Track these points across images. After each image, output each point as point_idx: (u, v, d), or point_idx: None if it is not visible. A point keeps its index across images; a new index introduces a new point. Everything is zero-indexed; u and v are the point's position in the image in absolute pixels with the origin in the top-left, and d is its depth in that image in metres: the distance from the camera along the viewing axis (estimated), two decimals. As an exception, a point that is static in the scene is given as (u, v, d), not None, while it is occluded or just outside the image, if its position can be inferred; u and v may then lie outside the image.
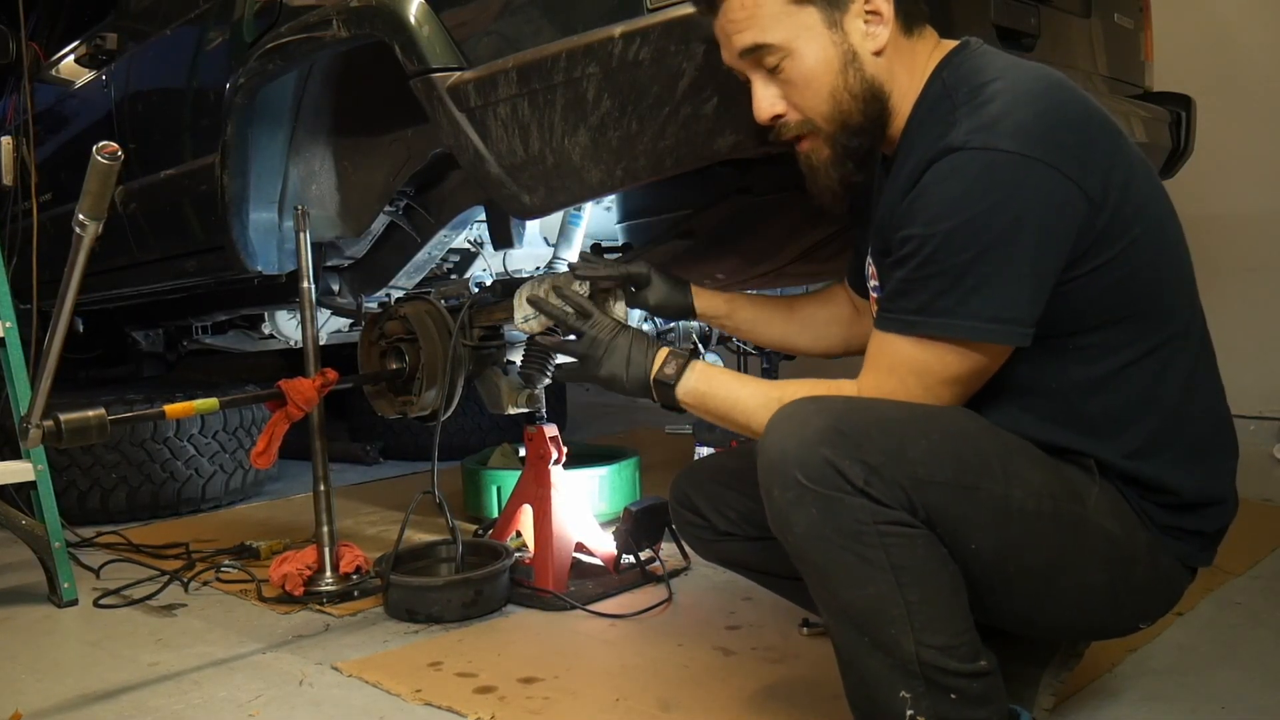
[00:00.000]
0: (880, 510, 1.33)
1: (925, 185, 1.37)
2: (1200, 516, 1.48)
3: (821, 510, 1.34)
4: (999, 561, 1.40)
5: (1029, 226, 1.32)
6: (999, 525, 1.38)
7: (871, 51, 1.46)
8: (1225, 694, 1.82)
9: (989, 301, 1.34)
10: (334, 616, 2.40)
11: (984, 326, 1.35)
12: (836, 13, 1.45)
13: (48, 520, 2.59)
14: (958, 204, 1.33)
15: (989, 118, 1.35)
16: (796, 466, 1.34)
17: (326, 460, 2.56)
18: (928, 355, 1.40)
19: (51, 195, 3.69)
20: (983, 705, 1.39)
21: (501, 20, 2.02)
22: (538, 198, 2.02)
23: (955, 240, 1.33)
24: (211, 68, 2.83)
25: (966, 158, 1.34)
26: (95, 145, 1.92)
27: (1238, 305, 3.91)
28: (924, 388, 1.41)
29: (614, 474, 3.09)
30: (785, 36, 1.46)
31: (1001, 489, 1.38)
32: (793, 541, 1.38)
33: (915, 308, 1.38)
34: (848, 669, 1.43)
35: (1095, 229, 1.36)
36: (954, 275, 1.34)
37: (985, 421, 1.44)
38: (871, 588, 1.35)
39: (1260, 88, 4.01)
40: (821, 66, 1.46)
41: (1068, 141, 1.35)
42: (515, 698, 1.89)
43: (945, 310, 1.35)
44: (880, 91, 1.48)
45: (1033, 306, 1.35)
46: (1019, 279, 1.33)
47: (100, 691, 2.02)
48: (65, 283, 2.00)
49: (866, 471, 1.32)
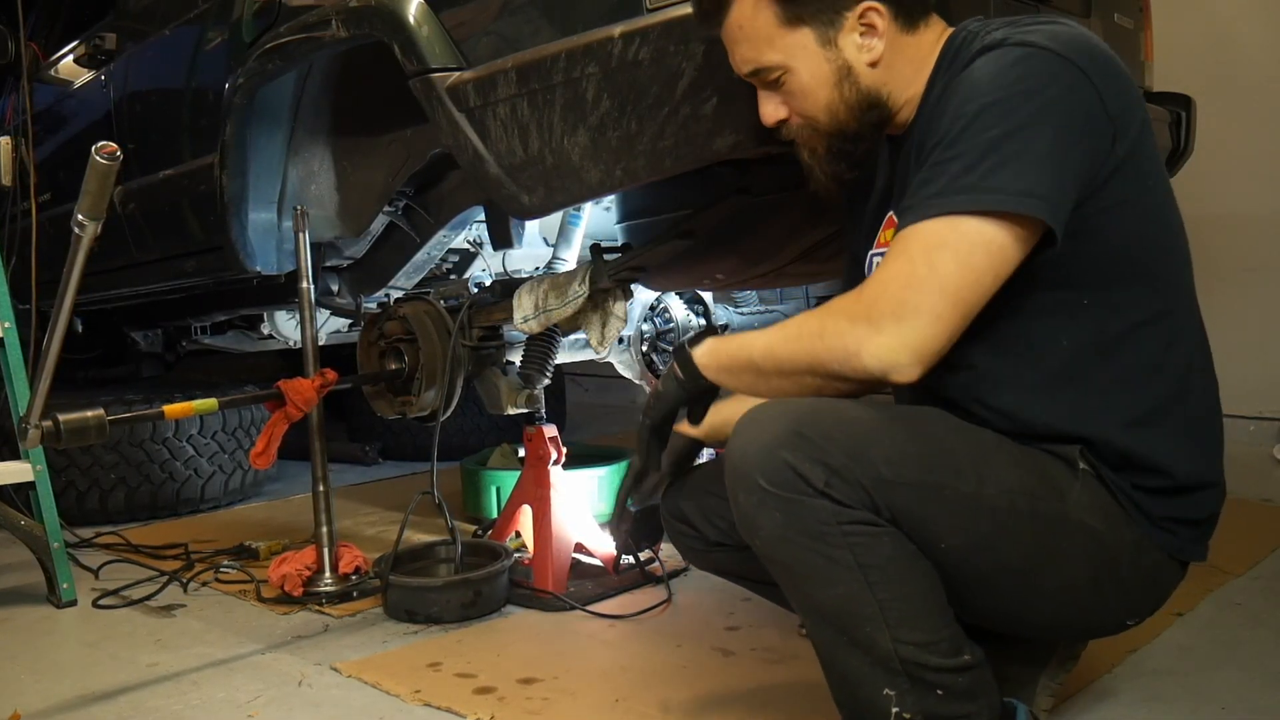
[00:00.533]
0: (842, 511, 1.32)
1: (961, 78, 1.38)
2: (1191, 501, 1.46)
3: (784, 513, 1.33)
4: (973, 560, 1.39)
5: (1056, 117, 1.31)
6: (970, 525, 1.37)
7: (867, 63, 1.48)
8: (1225, 695, 1.82)
9: (1018, 176, 1.29)
10: (333, 617, 2.40)
11: (1012, 199, 1.28)
12: (830, 30, 1.46)
13: (46, 521, 2.59)
14: (987, 87, 1.33)
15: (1027, 28, 1.37)
16: (758, 470, 1.34)
17: (326, 461, 2.55)
18: (946, 231, 1.30)
19: (50, 195, 3.68)
20: (971, 700, 1.38)
21: (501, 20, 2.02)
22: (537, 198, 2.01)
23: (983, 119, 1.31)
24: (210, 68, 2.83)
25: (1003, 50, 1.35)
26: (94, 145, 1.92)
27: (1237, 305, 3.90)
28: (929, 267, 1.29)
29: (613, 474, 3.09)
30: (781, 57, 1.49)
31: (972, 488, 1.36)
32: (759, 545, 1.39)
33: (935, 191, 1.32)
34: (829, 668, 1.43)
35: (1116, 156, 1.35)
36: (980, 153, 1.30)
37: (959, 422, 1.43)
38: (841, 587, 1.34)
39: (1260, 88, 4.00)
40: (817, 82, 1.49)
41: (1101, 62, 1.35)
42: (514, 698, 1.89)
43: (969, 187, 1.30)
44: (877, 99, 1.50)
45: (1060, 193, 1.31)
46: (1047, 161, 1.30)
47: (99, 692, 2.01)
48: (64, 283, 2.00)
49: (827, 473, 1.31)
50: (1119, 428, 1.42)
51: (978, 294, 1.30)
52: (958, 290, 1.29)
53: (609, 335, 2.34)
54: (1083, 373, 1.42)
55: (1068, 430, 1.43)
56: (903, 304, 1.29)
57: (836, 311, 1.36)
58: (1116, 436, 1.42)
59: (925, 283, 1.28)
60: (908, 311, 1.28)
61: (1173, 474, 1.43)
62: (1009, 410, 1.44)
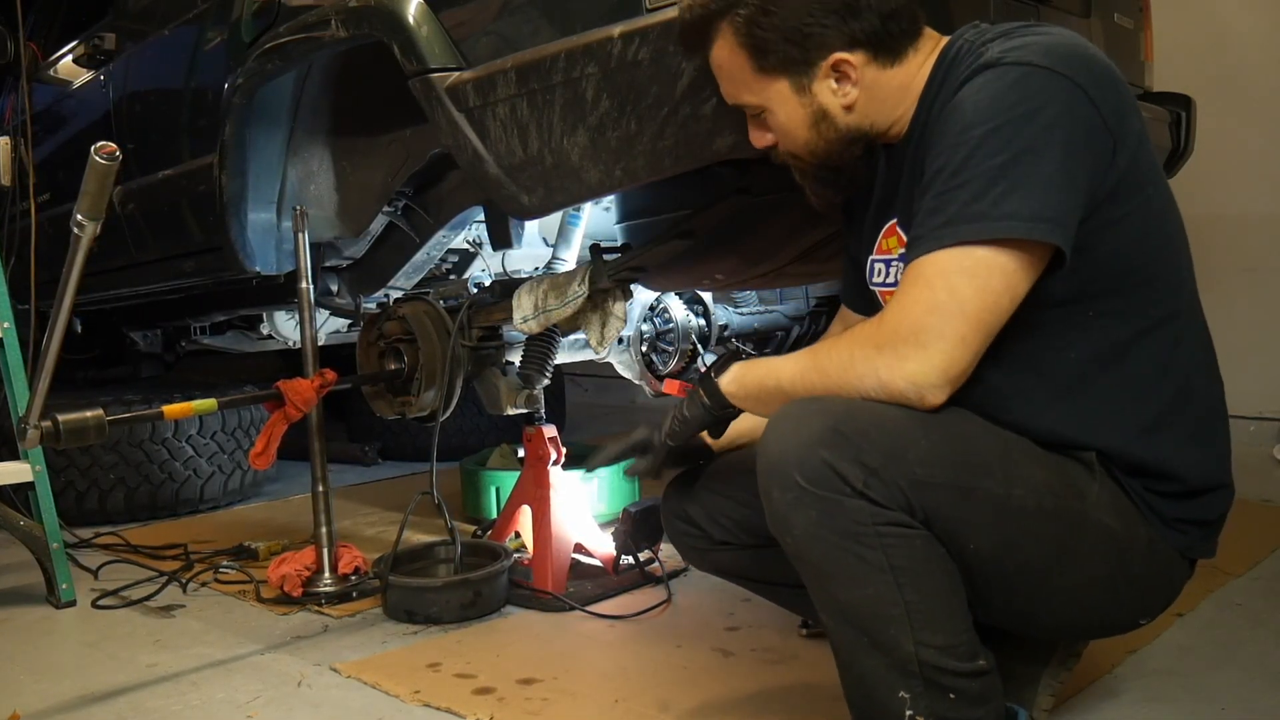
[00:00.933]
0: (879, 511, 1.33)
1: (958, 100, 1.38)
2: (1203, 503, 1.48)
3: (820, 512, 1.34)
4: (999, 561, 1.40)
5: (1059, 137, 1.31)
6: (998, 525, 1.38)
7: (843, 107, 1.50)
8: (1225, 695, 1.82)
9: (1027, 201, 1.30)
10: (332, 617, 2.40)
11: (1023, 225, 1.30)
12: (804, 79, 1.49)
13: (46, 521, 2.59)
14: (988, 111, 1.33)
15: (1022, 43, 1.37)
16: (796, 468, 1.34)
17: (325, 461, 2.55)
18: (962, 258, 1.32)
19: (50, 195, 3.68)
20: (981, 704, 1.39)
21: (500, 20, 2.01)
22: (536, 198, 2.01)
23: (987, 146, 1.32)
24: (210, 68, 2.83)
25: (1000, 70, 1.35)
26: (93, 145, 1.92)
27: (1238, 305, 3.90)
28: (948, 292, 1.32)
29: (613, 475, 3.08)
30: (758, 100, 1.54)
31: (1001, 489, 1.37)
32: (791, 543, 1.38)
33: (946, 220, 1.33)
34: (846, 670, 1.43)
35: (1118, 169, 1.36)
36: (987, 180, 1.31)
37: (985, 422, 1.44)
38: (870, 588, 1.34)
39: (1260, 88, 4.00)
40: (794, 124, 1.53)
41: (1096, 74, 1.36)
42: (514, 699, 1.89)
43: (980, 215, 1.31)
44: (858, 134, 1.53)
45: (1069, 214, 1.32)
46: (1053, 183, 1.31)
47: (98, 692, 2.01)
48: (63, 283, 2.00)
49: (865, 473, 1.32)
50: (1129, 437, 1.43)
51: (997, 316, 1.33)
52: (979, 314, 1.32)
53: (608, 335, 2.34)
54: (1091, 383, 1.43)
55: (1079, 441, 1.44)
56: (927, 330, 1.32)
57: (862, 341, 1.38)
58: (1128, 446, 1.43)
59: (946, 308, 1.31)
60: (933, 337, 1.32)
61: (1184, 479, 1.45)
62: (1019, 425, 1.44)
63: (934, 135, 1.41)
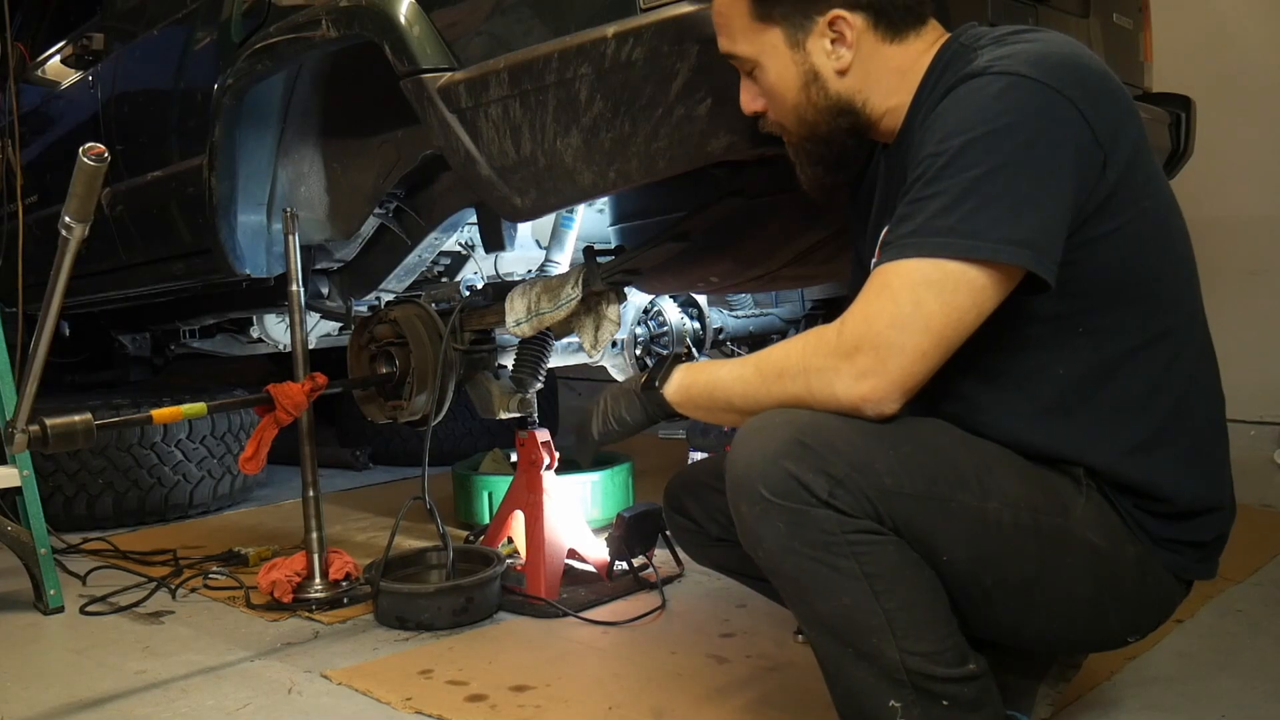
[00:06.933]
0: (847, 520, 1.31)
1: (942, 108, 1.35)
2: (1195, 525, 1.45)
3: (788, 524, 1.32)
4: (975, 574, 1.38)
5: (1041, 152, 1.29)
6: (973, 538, 1.36)
7: (835, 70, 1.47)
8: (1225, 702, 1.81)
9: (997, 222, 1.27)
10: (323, 624, 2.38)
11: (988, 246, 1.27)
12: (799, 33, 1.46)
13: (33, 526, 2.56)
14: (971, 120, 1.31)
15: (1011, 52, 1.35)
16: (760, 481, 1.33)
17: (316, 466, 2.53)
18: (929, 269, 1.29)
19: (37, 197, 3.67)
20: (976, 709, 1.37)
21: (493, 20, 2.00)
22: (529, 200, 2.00)
23: (964, 157, 1.29)
24: (199, 68, 2.81)
25: (986, 80, 1.33)
26: (82, 147, 1.90)
27: (1238, 308, 3.89)
28: (913, 305, 1.29)
29: (607, 480, 3.07)
30: (752, 51, 1.51)
31: (976, 501, 1.35)
32: (764, 556, 1.37)
33: (914, 229, 1.31)
34: (834, 682, 1.42)
35: (1108, 183, 1.33)
36: (959, 192, 1.28)
37: (963, 434, 1.42)
38: (847, 598, 1.33)
39: (1260, 88, 3.99)
40: (783, 84, 1.50)
41: (1089, 85, 1.33)
42: (507, 706, 1.88)
43: (948, 229, 1.28)
44: (848, 105, 1.49)
45: (1045, 236, 1.29)
46: (1030, 201, 1.28)
47: (86, 700, 1.99)
48: (51, 286, 1.99)
49: (830, 483, 1.30)
50: (1118, 455, 1.40)
51: (960, 331, 1.31)
52: (942, 330, 1.30)
53: (602, 339, 2.33)
54: (1079, 401, 1.41)
55: (1065, 457, 1.42)
56: (889, 344, 1.30)
57: (819, 349, 1.36)
58: (1116, 464, 1.41)
59: (910, 322, 1.29)
60: (893, 351, 1.30)
61: (1175, 500, 1.42)
62: (1003, 439, 1.42)
63: (921, 140, 1.38)
